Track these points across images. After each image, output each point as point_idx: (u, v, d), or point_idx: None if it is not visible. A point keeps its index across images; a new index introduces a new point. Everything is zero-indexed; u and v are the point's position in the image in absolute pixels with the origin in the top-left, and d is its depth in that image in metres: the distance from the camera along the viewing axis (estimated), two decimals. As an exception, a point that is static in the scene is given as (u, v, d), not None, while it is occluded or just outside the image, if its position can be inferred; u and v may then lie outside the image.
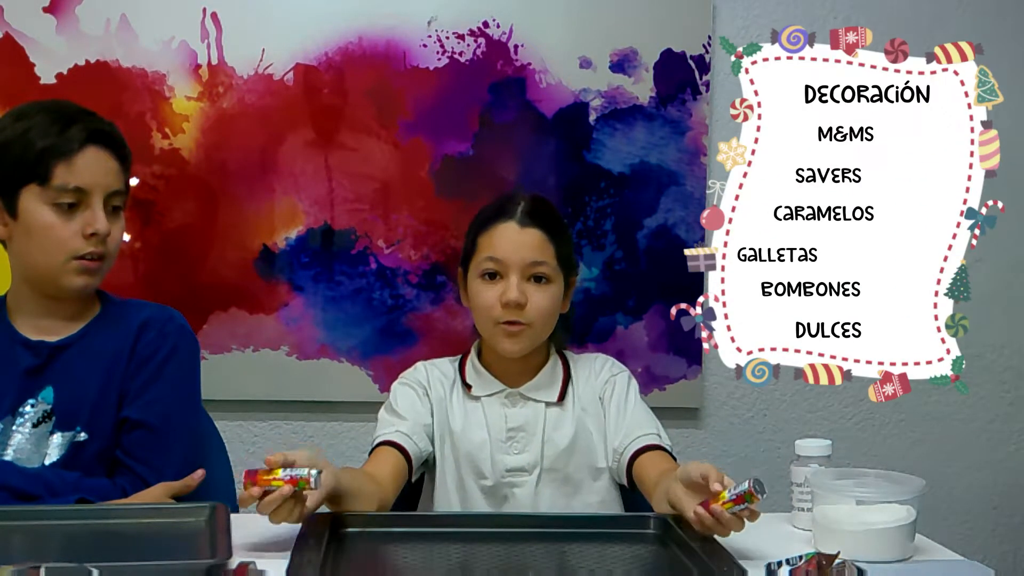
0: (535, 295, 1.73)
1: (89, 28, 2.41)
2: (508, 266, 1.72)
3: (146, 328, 1.70)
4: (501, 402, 1.79)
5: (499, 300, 1.71)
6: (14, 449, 1.63)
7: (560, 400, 1.80)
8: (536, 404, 1.79)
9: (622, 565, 1.40)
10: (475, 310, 1.77)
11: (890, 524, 1.45)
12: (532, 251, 1.73)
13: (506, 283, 1.72)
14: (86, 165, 1.62)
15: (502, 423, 1.77)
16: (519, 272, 1.72)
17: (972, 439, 2.69)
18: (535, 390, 1.79)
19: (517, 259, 1.72)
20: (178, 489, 1.63)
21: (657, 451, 1.73)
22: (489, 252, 1.73)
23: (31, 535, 1.44)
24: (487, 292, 1.73)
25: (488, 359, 1.82)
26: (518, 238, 1.73)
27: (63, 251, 1.62)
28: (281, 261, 2.47)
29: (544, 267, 1.74)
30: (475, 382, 1.80)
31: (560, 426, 1.78)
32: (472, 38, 2.48)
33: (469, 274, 1.78)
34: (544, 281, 1.74)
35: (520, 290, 1.71)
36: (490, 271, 1.73)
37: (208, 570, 1.23)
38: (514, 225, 1.74)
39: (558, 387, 1.80)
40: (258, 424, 2.52)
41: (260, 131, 2.45)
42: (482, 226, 1.77)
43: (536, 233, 1.74)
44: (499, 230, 1.74)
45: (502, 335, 1.73)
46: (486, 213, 1.79)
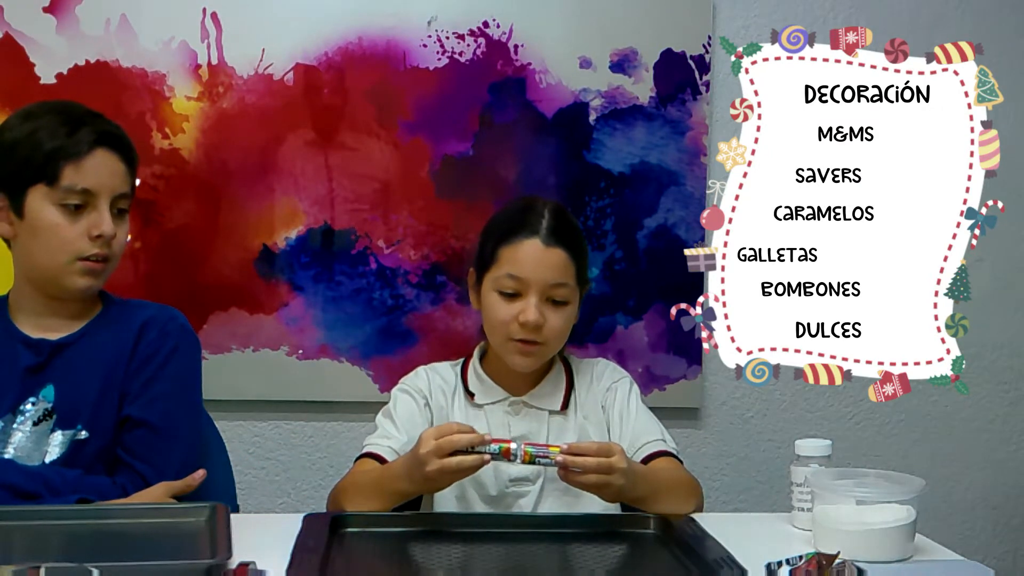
0: (552, 317, 1.71)
1: (89, 28, 2.41)
2: (529, 285, 1.69)
3: (148, 327, 1.71)
4: (504, 410, 1.77)
5: (516, 318, 1.69)
6: (14, 447, 1.63)
7: (563, 409, 1.79)
8: (540, 412, 1.78)
9: (622, 565, 1.41)
10: (489, 322, 1.74)
11: (890, 524, 1.46)
12: (555, 272, 1.70)
13: (525, 303, 1.69)
14: (94, 167, 1.63)
15: (505, 432, 1.75)
16: (539, 293, 1.69)
17: (972, 439, 2.69)
18: (539, 398, 1.78)
19: (539, 280, 1.69)
20: (179, 489, 1.63)
21: (664, 457, 1.72)
22: (511, 269, 1.70)
23: (31, 535, 1.44)
24: (504, 309, 1.71)
25: (493, 367, 1.80)
26: (542, 258, 1.70)
27: (68, 252, 1.63)
28: (281, 261, 2.47)
29: (564, 289, 1.72)
30: (478, 389, 1.79)
31: (563, 435, 1.76)
32: (472, 38, 2.48)
33: (485, 284, 1.75)
34: (563, 304, 1.72)
35: (539, 311, 1.69)
36: (511, 289, 1.71)
37: (208, 570, 1.23)
38: (538, 243, 1.70)
39: (561, 395, 1.79)
40: (258, 424, 2.52)
41: (260, 131, 2.45)
42: (504, 238, 1.73)
43: (560, 254, 1.71)
44: (523, 247, 1.70)
45: (515, 352, 1.72)
46: (509, 223, 1.75)
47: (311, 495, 2.53)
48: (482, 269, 1.76)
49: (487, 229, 1.80)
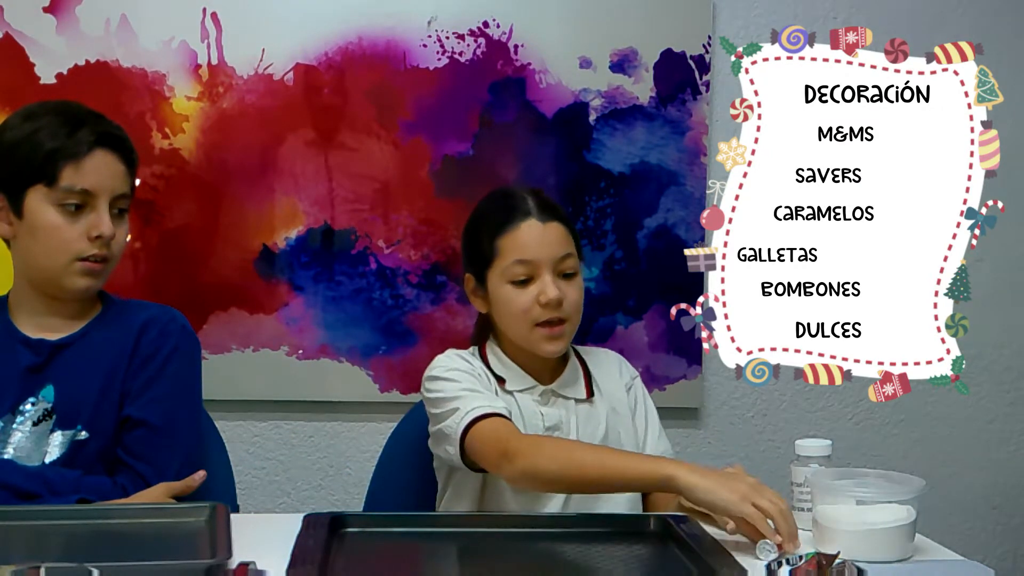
0: (568, 290, 1.71)
1: (89, 28, 2.41)
2: (539, 265, 1.70)
3: (148, 328, 1.71)
4: (535, 399, 1.75)
5: (536, 301, 1.69)
6: (14, 447, 1.63)
7: (589, 397, 1.78)
8: (567, 401, 1.77)
9: (622, 565, 1.40)
10: (508, 315, 1.73)
11: (890, 524, 1.45)
12: (559, 246, 1.71)
13: (540, 282, 1.69)
14: (94, 168, 1.63)
15: (538, 421, 1.73)
16: (550, 269, 1.70)
17: (972, 439, 2.69)
18: (565, 387, 1.77)
19: (547, 256, 1.70)
20: (179, 490, 1.63)
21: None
22: (517, 255, 1.70)
23: (31, 535, 1.44)
24: (521, 297, 1.70)
25: (516, 357, 1.77)
26: (543, 235, 1.70)
27: (67, 252, 1.63)
28: (281, 261, 2.47)
29: (571, 260, 1.72)
30: (506, 376, 1.76)
31: (590, 424, 1.76)
32: (472, 38, 2.48)
33: (492, 281, 1.73)
34: (573, 275, 1.72)
35: (556, 286, 1.69)
36: (522, 276, 1.70)
37: (208, 570, 1.23)
38: (535, 222, 1.71)
39: (583, 383, 1.79)
40: (258, 424, 2.52)
41: (260, 131, 2.45)
42: (498, 229, 1.72)
43: (558, 226, 1.72)
44: (522, 230, 1.71)
45: (542, 338, 1.71)
46: (497, 214, 1.75)
47: (311, 495, 2.53)
48: (483, 267, 1.75)
49: (472, 229, 1.79)
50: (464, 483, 1.74)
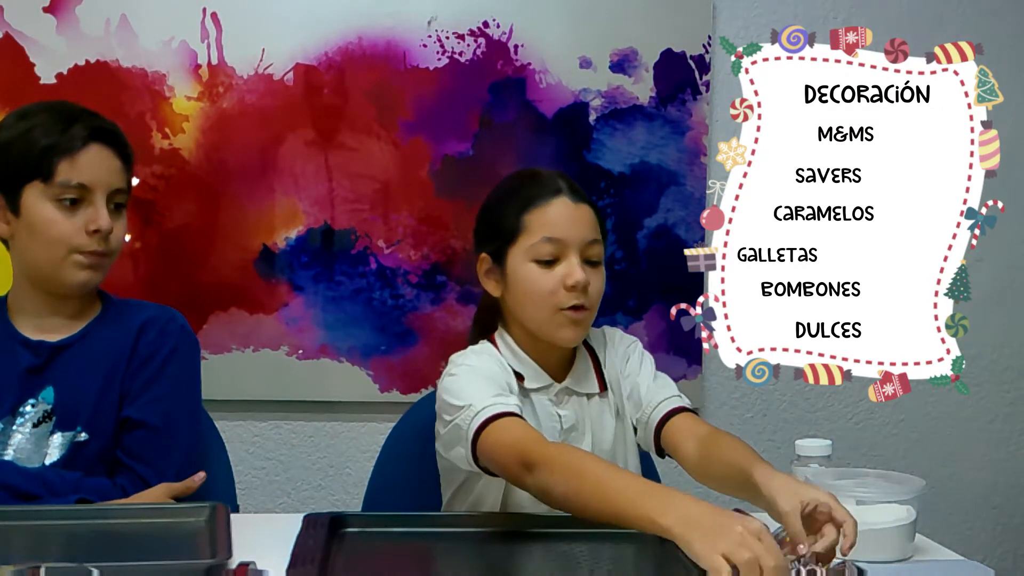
0: (593, 278, 1.65)
1: (89, 28, 2.41)
2: (567, 246, 1.63)
3: (147, 328, 1.70)
4: (550, 399, 1.70)
5: (561, 284, 1.62)
6: (14, 449, 1.62)
7: (603, 390, 1.74)
8: (580, 398, 1.72)
9: (622, 565, 1.40)
10: (530, 296, 1.64)
11: (890, 524, 1.46)
12: (589, 229, 1.65)
13: (567, 264, 1.62)
14: (89, 162, 1.63)
15: (555, 423, 1.68)
16: (578, 252, 1.64)
17: (972, 439, 2.69)
18: (578, 383, 1.72)
19: (577, 238, 1.64)
20: (179, 490, 1.63)
21: (683, 413, 1.69)
22: (546, 232, 1.63)
23: (31, 535, 1.44)
24: (546, 278, 1.63)
25: (529, 348, 1.70)
26: (575, 215, 1.64)
27: (65, 247, 1.62)
28: (281, 261, 2.47)
29: (598, 247, 1.66)
30: (525, 373, 1.68)
31: (602, 420, 1.73)
32: (472, 38, 2.48)
33: (513, 259, 1.65)
34: (597, 264, 1.67)
35: (583, 270, 1.63)
36: (549, 256, 1.63)
37: (208, 570, 1.23)
38: (567, 200, 1.64)
39: (593, 375, 1.74)
40: (258, 424, 2.52)
41: (260, 131, 2.45)
42: (527, 204, 1.65)
43: (588, 210, 1.67)
44: (553, 207, 1.64)
45: (565, 324, 1.64)
46: (526, 190, 1.67)
47: (311, 495, 2.53)
48: (504, 244, 1.66)
49: (494, 204, 1.70)
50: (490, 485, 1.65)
